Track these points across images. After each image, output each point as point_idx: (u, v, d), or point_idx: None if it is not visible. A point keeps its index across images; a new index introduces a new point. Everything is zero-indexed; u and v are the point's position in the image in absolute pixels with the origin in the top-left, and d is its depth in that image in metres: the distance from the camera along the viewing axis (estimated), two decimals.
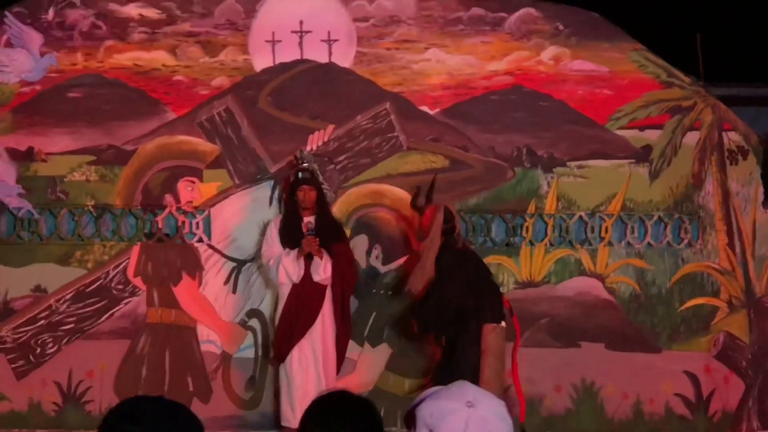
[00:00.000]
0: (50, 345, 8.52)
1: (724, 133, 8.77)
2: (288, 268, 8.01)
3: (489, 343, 7.95)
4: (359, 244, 8.62)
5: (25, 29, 8.66)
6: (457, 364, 7.53)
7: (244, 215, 8.66)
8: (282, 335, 8.06)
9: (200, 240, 8.64)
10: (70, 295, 8.56)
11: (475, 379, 7.38)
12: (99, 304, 8.56)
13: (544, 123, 8.79)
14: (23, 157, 8.61)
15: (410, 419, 2.52)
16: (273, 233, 8.18)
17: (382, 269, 8.65)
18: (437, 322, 7.72)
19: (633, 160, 8.78)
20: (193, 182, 8.71)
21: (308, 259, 8.00)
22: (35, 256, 8.59)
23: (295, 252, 8.00)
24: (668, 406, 8.61)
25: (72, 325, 8.54)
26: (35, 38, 8.64)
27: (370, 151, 8.76)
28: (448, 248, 7.81)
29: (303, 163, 8.21)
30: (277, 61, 8.77)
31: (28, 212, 8.59)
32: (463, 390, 2.45)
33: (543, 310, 8.67)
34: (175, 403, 2.36)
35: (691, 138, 8.75)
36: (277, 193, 8.64)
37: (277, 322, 8.14)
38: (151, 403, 2.35)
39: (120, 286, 8.60)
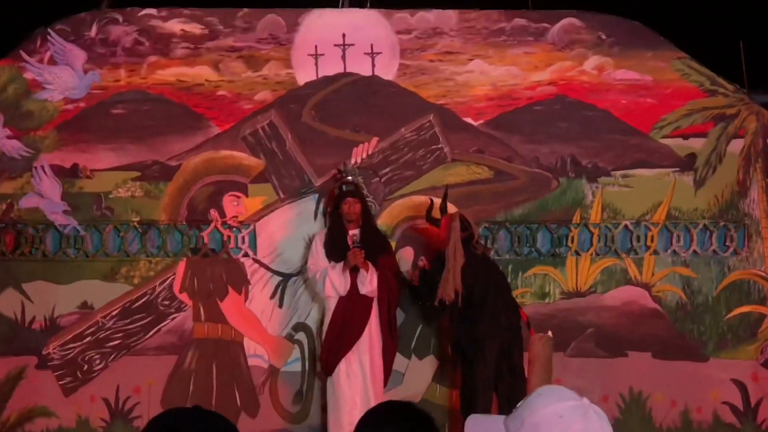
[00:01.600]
0: (97, 361, 8.53)
1: None
2: (334, 281, 8.00)
3: (536, 353, 7.96)
4: (405, 257, 8.62)
5: (68, 46, 8.67)
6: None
7: (289, 229, 8.66)
8: (329, 348, 8.04)
9: (246, 254, 8.64)
10: (117, 311, 8.57)
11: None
12: (146, 320, 8.57)
13: (588, 132, 8.80)
14: (68, 174, 8.62)
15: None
16: (318, 247, 8.17)
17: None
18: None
19: (677, 169, 8.78)
20: (238, 197, 8.71)
21: (354, 271, 8.00)
22: (81, 273, 8.59)
23: (341, 265, 8.00)
24: (716, 415, 8.60)
25: (119, 341, 8.55)
26: (78, 55, 8.66)
27: (415, 163, 8.76)
28: (469, 255, 7.81)
29: (347, 176, 8.22)
30: (320, 75, 8.78)
31: (74, 229, 8.60)
32: (564, 390, 2.42)
33: (589, 320, 8.67)
34: (210, 412, 2.39)
35: (736, 146, 8.75)
36: (321, 206, 8.65)
37: (324, 335, 8.13)
38: (187, 414, 2.37)
39: (166, 302, 8.61)
